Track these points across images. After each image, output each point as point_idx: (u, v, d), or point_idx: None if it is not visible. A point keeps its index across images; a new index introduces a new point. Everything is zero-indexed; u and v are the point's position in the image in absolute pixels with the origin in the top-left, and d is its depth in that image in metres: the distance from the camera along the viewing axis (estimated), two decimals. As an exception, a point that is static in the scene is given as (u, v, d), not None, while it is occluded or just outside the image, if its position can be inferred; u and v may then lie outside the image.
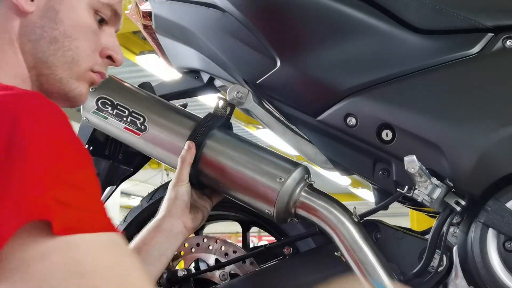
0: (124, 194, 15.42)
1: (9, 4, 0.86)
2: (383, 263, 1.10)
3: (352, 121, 1.18)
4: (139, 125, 1.21)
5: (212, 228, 1.89)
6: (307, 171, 1.16)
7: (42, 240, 0.61)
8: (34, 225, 0.60)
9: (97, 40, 0.94)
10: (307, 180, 1.15)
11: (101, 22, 0.95)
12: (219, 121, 1.23)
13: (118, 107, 1.23)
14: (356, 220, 1.12)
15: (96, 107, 1.24)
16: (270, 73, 1.24)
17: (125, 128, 1.22)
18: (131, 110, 1.22)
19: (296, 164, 1.15)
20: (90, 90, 1.24)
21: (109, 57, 0.98)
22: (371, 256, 1.09)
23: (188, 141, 1.16)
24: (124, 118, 1.22)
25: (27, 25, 0.86)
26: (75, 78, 0.94)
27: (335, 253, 1.12)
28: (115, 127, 1.23)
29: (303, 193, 1.13)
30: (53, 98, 0.94)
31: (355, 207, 1.14)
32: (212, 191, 1.24)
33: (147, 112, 1.22)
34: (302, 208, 1.13)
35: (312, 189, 1.14)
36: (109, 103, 1.23)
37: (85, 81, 0.96)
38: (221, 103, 1.25)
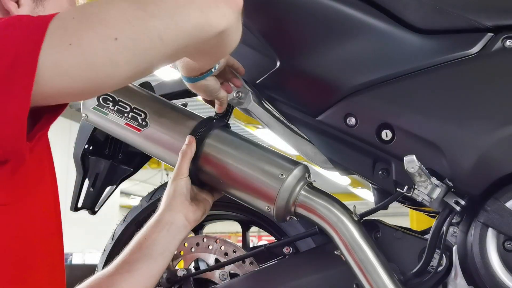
0: (124, 193, 15.45)
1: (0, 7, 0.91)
2: (383, 262, 1.10)
3: (351, 120, 1.18)
4: (140, 121, 1.21)
5: (212, 228, 1.89)
6: (307, 169, 1.16)
7: None
8: None
9: None
10: (307, 178, 1.15)
11: None
12: (221, 120, 1.23)
13: (119, 103, 1.23)
14: (356, 219, 1.12)
15: (97, 103, 1.24)
16: (269, 73, 1.24)
17: (126, 124, 1.22)
18: (132, 107, 1.22)
19: (296, 163, 1.15)
20: None
21: None
22: (371, 255, 1.10)
23: (189, 136, 1.17)
24: (126, 114, 1.22)
25: None
26: None
27: (335, 252, 1.12)
28: (115, 124, 1.23)
29: (303, 192, 1.13)
30: None
31: (355, 206, 1.14)
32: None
33: (149, 108, 1.22)
34: (302, 207, 1.13)
35: (312, 188, 1.15)
36: (111, 99, 1.23)
37: None
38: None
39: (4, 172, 0.78)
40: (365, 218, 1.20)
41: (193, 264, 1.44)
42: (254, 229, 1.60)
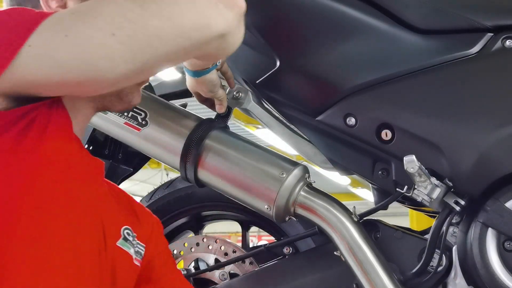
0: (124, 194, 15.42)
1: None
2: (382, 262, 1.10)
3: (351, 121, 1.18)
4: (140, 120, 1.21)
5: (212, 228, 1.89)
6: (307, 170, 1.16)
7: None
8: None
9: None
10: (307, 179, 1.15)
11: None
12: (221, 121, 1.23)
13: None
14: (356, 220, 1.13)
15: None
16: (269, 73, 1.24)
17: (125, 123, 1.21)
18: None
19: (296, 163, 1.15)
20: None
21: None
22: (370, 255, 1.10)
23: None
24: (125, 113, 1.21)
25: None
26: None
27: (335, 253, 1.12)
28: (114, 123, 1.22)
29: (302, 192, 1.13)
30: (106, 100, 0.96)
31: (354, 207, 1.14)
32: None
33: (149, 108, 1.22)
34: (301, 207, 1.13)
35: (312, 189, 1.15)
36: None
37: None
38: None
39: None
40: (365, 218, 1.20)
41: (193, 264, 1.44)
42: (254, 229, 1.60)
